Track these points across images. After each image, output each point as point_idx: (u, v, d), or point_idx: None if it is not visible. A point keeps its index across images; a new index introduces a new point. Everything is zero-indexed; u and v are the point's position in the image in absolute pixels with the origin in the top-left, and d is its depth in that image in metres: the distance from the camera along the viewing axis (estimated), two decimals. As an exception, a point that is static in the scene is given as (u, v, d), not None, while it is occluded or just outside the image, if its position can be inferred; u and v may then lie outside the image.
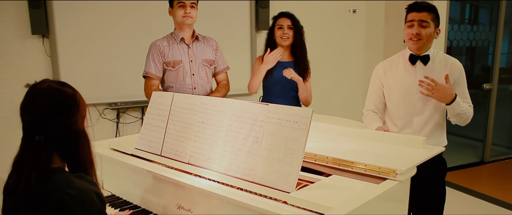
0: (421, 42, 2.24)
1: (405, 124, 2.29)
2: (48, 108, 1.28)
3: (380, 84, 2.37)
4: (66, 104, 1.31)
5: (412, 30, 2.24)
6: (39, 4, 3.47)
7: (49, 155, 1.29)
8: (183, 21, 2.65)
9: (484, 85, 4.89)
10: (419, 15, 2.22)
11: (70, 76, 3.64)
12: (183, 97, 1.96)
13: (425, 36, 2.23)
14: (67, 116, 1.31)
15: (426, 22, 2.22)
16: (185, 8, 2.63)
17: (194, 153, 1.83)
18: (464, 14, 5.32)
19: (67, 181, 1.25)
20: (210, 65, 2.80)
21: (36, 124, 1.28)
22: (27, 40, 3.55)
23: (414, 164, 1.65)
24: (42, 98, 1.29)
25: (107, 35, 3.72)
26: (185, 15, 2.64)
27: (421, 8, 2.23)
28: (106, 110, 3.83)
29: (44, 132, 1.27)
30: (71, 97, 1.33)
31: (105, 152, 2.11)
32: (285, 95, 2.95)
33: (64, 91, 1.32)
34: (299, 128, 1.49)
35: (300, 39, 2.93)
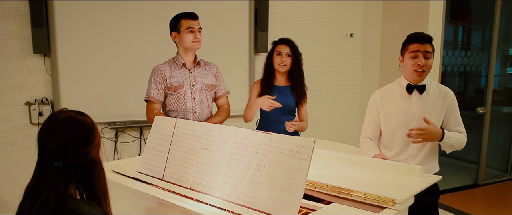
0: (424, 74, 2.30)
1: (400, 150, 2.34)
2: (69, 136, 1.33)
3: (377, 112, 2.42)
4: (85, 134, 1.36)
5: (417, 61, 2.27)
6: (42, 24, 3.51)
7: (67, 182, 1.32)
8: (193, 46, 2.70)
9: (478, 109, 4.96)
10: (424, 46, 2.27)
11: (70, 95, 3.67)
12: (186, 123, 2.00)
13: (428, 67, 2.29)
14: (85, 145, 1.35)
15: (429, 53, 2.28)
16: (194, 33, 2.68)
17: (196, 179, 1.86)
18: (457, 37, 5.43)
19: (75, 207, 1.29)
20: (210, 89, 2.84)
21: (56, 152, 1.31)
22: (28, 59, 3.58)
23: (412, 193, 1.69)
24: (64, 127, 1.34)
25: (107, 55, 3.77)
26: (195, 40, 2.69)
27: (425, 40, 2.28)
28: (105, 129, 3.85)
29: (64, 160, 1.31)
30: (90, 128, 1.39)
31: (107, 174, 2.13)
32: (282, 119, 2.98)
33: (84, 122, 1.38)
34: (301, 158, 1.53)
35: (298, 66, 2.98)
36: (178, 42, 2.75)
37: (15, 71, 3.55)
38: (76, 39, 3.65)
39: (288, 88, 3.00)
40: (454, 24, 5.24)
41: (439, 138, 2.24)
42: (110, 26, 3.75)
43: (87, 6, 3.65)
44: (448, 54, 4.82)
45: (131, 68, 3.83)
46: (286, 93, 2.99)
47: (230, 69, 4.19)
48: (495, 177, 5.30)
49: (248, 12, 4.26)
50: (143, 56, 3.84)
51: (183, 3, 3.91)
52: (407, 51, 2.31)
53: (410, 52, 2.29)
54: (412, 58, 2.28)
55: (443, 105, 2.33)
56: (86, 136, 1.36)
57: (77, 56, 3.67)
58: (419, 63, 2.25)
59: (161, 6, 3.86)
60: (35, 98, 3.63)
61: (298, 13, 4.52)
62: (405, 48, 2.33)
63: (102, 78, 3.77)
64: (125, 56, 3.82)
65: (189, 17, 2.68)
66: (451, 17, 5.01)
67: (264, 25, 4.30)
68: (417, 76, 2.29)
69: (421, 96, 2.33)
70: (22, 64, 3.57)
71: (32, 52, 3.55)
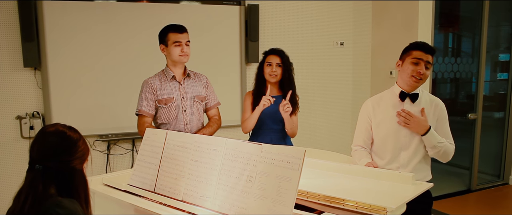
0: (421, 82, 2.32)
1: (392, 158, 2.35)
2: (51, 145, 1.47)
3: (369, 120, 2.43)
4: (67, 145, 1.49)
5: (418, 68, 2.28)
6: (32, 37, 3.51)
7: (46, 184, 1.43)
8: (180, 60, 2.70)
9: (469, 115, 5.00)
10: (427, 56, 2.28)
11: (61, 108, 3.66)
12: (177, 135, 2.00)
13: (425, 77, 2.31)
14: (66, 154, 1.48)
15: (430, 64, 2.30)
16: (181, 46, 2.68)
17: (187, 190, 1.85)
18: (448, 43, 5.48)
19: (57, 201, 1.41)
20: (201, 101, 2.84)
21: (37, 156, 1.45)
22: (19, 73, 3.57)
23: (404, 201, 1.69)
24: (49, 138, 1.48)
25: (98, 68, 3.76)
26: (182, 54, 2.69)
27: (429, 50, 2.29)
28: (96, 142, 3.83)
29: (44, 163, 1.43)
30: (73, 140, 1.51)
31: (98, 188, 2.12)
32: (274, 128, 2.99)
33: (69, 135, 1.51)
34: (292, 168, 1.54)
35: (288, 75, 2.99)
36: (166, 55, 2.75)
37: (5, 85, 3.54)
38: (67, 52, 3.65)
39: (280, 98, 3.01)
40: (444, 31, 5.29)
41: (423, 130, 2.25)
42: (100, 39, 3.75)
43: (78, 19, 3.65)
44: (438, 61, 4.86)
45: (122, 81, 3.83)
46: (278, 103, 3.00)
47: (222, 80, 4.20)
48: (488, 182, 5.32)
49: (238, 23, 4.28)
50: (134, 69, 3.84)
51: (173, 15, 3.93)
52: (410, 56, 2.30)
53: (413, 58, 2.28)
54: (414, 64, 2.28)
55: (433, 115, 2.34)
56: (68, 147, 1.48)
57: (68, 70, 3.67)
58: (420, 71, 2.26)
59: (152, 18, 3.87)
60: (26, 112, 3.61)
61: (289, 23, 4.55)
62: (408, 54, 2.32)
63: (93, 91, 3.77)
64: (116, 69, 3.82)
65: (176, 30, 2.68)
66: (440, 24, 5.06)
67: (255, 36, 4.31)
68: (414, 83, 2.30)
69: (412, 105, 2.34)
70: (12, 78, 3.56)
71: (22, 66, 3.54)
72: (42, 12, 3.53)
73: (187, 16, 4.03)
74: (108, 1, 3.75)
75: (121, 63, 3.83)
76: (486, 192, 5.16)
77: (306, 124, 4.69)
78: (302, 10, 4.59)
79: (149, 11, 3.89)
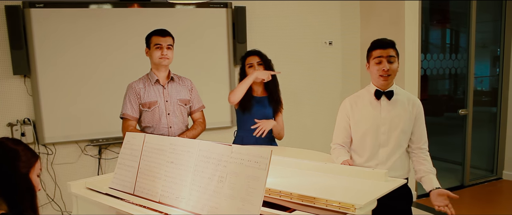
0: (390, 78, 2.35)
1: (371, 155, 2.38)
2: None
3: (347, 119, 2.46)
4: (5, 156, 1.50)
5: (381, 67, 2.32)
6: (21, 45, 3.56)
7: None
8: (159, 62, 2.75)
9: (460, 111, 5.02)
10: (386, 51, 2.32)
11: (51, 115, 3.70)
12: (154, 138, 2.04)
13: (393, 71, 2.34)
14: (6, 162, 1.50)
15: (393, 57, 2.33)
16: (161, 49, 2.73)
17: (164, 192, 1.89)
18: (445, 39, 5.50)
19: None
20: (185, 104, 2.88)
21: None
22: (9, 80, 3.62)
23: (374, 198, 1.72)
24: None
25: (87, 74, 3.81)
26: (162, 56, 2.73)
27: (387, 45, 2.34)
28: (88, 147, 3.87)
29: None
30: (10, 148, 1.53)
31: (81, 192, 2.16)
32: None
33: (6, 146, 1.53)
34: (259, 168, 1.57)
35: None
36: (149, 58, 2.80)
37: (-4, 93, 3.59)
38: (56, 59, 3.69)
39: (266, 99, 3.06)
40: (441, 27, 5.29)
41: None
42: (89, 45, 3.80)
43: (66, 26, 3.70)
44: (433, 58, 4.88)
45: (111, 86, 3.87)
46: (264, 104, 3.05)
47: (210, 82, 4.24)
48: (481, 177, 5.34)
49: (226, 25, 4.31)
50: (123, 74, 3.88)
51: (161, 19, 3.98)
52: (371, 57, 2.37)
53: (374, 58, 2.34)
54: (377, 64, 2.34)
55: (411, 113, 2.37)
56: (6, 155, 1.51)
57: (58, 76, 3.71)
58: (384, 68, 2.30)
59: (140, 23, 3.91)
60: (17, 119, 3.66)
61: (276, 24, 4.58)
62: (369, 55, 2.39)
63: (82, 97, 3.81)
64: (105, 74, 3.86)
65: (158, 33, 2.73)
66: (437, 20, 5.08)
67: (242, 37, 4.35)
68: (383, 81, 2.34)
69: (389, 102, 2.37)
70: (2, 86, 3.61)
71: (12, 74, 3.59)
72: (30, 20, 3.58)
73: (175, 20, 4.07)
74: (95, 8, 3.79)
75: (110, 69, 3.88)
76: (479, 187, 5.18)
77: (297, 124, 4.72)
78: (289, 10, 4.62)
79: (138, 16, 3.93)
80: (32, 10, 3.58)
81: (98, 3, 3.80)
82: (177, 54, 3.94)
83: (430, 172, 2.34)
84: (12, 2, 3.53)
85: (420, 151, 2.41)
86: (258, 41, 4.44)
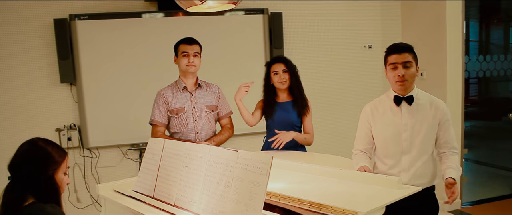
0: (407, 83, 2.29)
1: (394, 163, 2.33)
2: (20, 157, 1.61)
3: (368, 125, 2.43)
4: (35, 156, 1.59)
5: (397, 72, 2.28)
6: (67, 56, 3.81)
7: (20, 195, 1.55)
8: (186, 69, 2.84)
9: (510, 115, 4.76)
10: (402, 56, 2.27)
11: (95, 120, 3.93)
12: (172, 144, 2.12)
13: (410, 76, 2.28)
14: (35, 165, 1.59)
15: (409, 62, 2.28)
16: (188, 57, 2.83)
17: (179, 196, 1.97)
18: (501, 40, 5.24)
19: (40, 207, 1.54)
20: (212, 110, 2.95)
21: (10, 169, 1.60)
22: (57, 88, 3.89)
23: (381, 205, 1.70)
24: (19, 149, 1.62)
25: (129, 81, 4.00)
26: (189, 64, 2.83)
27: (402, 50, 2.29)
28: (129, 151, 4.06)
29: (15, 176, 1.58)
30: (41, 151, 1.61)
31: (107, 194, 2.29)
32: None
33: (37, 146, 1.63)
34: (261, 173, 1.60)
35: (296, 80, 3.05)
36: (177, 65, 2.90)
37: (45, 100, 3.86)
38: (99, 68, 3.91)
39: (289, 104, 3.08)
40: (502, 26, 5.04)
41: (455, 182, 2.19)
42: (131, 54, 3.99)
43: (108, 36, 3.92)
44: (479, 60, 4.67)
45: (151, 93, 3.96)
46: (288, 109, 3.07)
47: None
48: (536, 186, 5.03)
49: (262, 31, 4.37)
50: (162, 81, 3.98)
51: (202, 27, 4.09)
52: (387, 63, 2.32)
53: (390, 64, 2.30)
54: (392, 70, 2.29)
55: (434, 117, 2.29)
56: (36, 158, 1.59)
57: (101, 84, 3.93)
58: (399, 74, 2.25)
59: (179, 31, 4.02)
60: (64, 124, 3.92)
61: (313, 28, 4.57)
62: (386, 60, 2.34)
63: (124, 103, 4.00)
64: (145, 81, 4.04)
65: (185, 42, 2.83)
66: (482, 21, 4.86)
67: (279, 43, 4.39)
68: (400, 86, 2.29)
69: (410, 108, 2.32)
70: (51, 94, 3.87)
71: (59, 82, 3.84)
72: (76, 32, 3.83)
73: (213, 26, 4.17)
74: (136, 19, 3.98)
75: (150, 76, 4.04)
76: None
77: (336, 129, 4.68)
78: (326, 14, 4.60)
79: (180, 24, 4.09)
80: (78, 22, 3.83)
81: (140, 13, 3.99)
82: (214, 59, 4.08)
83: (449, 166, 2.23)
84: (60, 16, 3.79)
85: (448, 153, 2.32)
86: (295, 47, 4.47)
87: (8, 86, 3.81)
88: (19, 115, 3.84)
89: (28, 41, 3.80)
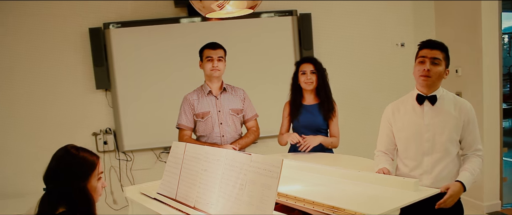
0: (430, 80, 2.23)
1: (416, 164, 2.28)
2: (53, 167, 1.61)
3: (390, 126, 2.40)
4: (66, 166, 1.60)
5: (423, 67, 2.23)
6: (102, 63, 3.97)
7: (52, 205, 1.57)
8: (211, 74, 2.91)
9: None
10: (432, 52, 2.23)
11: (129, 125, 4.07)
12: (193, 148, 2.18)
13: (435, 74, 2.22)
14: (66, 174, 1.59)
15: (438, 59, 2.22)
16: (212, 62, 2.89)
17: (198, 198, 2.02)
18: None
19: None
20: (237, 114, 3.00)
21: (45, 180, 1.61)
22: (93, 94, 4.06)
23: (395, 207, 1.69)
24: (52, 158, 1.63)
25: (161, 86, 4.13)
26: (213, 68, 2.89)
27: (434, 46, 2.24)
28: (162, 154, 4.18)
29: (49, 186, 1.59)
30: (73, 158, 1.63)
31: (134, 196, 2.38)
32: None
33: (69, 153, 1.64)
34: (272, 176, 1.63)
35: (323, 82, 3.04)
36: (203, 70, 2.97)
37: (82, 106, 4.05)
38: (132, 73, 4.06)
39: (316, 107, 3.06)
40: None
41: (461, 191, 2.13)
42: (162, 59, 4.12)
43: (141, 43, 4.05)
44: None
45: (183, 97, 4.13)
46: (314, 112, 3.06)
47: (277, 90, 4.32)
48: None
49: (291, 32, 4.38)
50: (193, 85, 4.10)
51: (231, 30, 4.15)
52: (417, 57, 2.28)
53: (419, 57, 2.26)
54: (420, 63, 2.24)
55: (458, 118, 2.23)
56: (67, 168, 1.60)
57: (134, 89, 4.07)
58: (424, 68, 2.20)
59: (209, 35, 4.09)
60: (100, 128, 4.08)
61: (343, 27, 4.54)
62: (416, 56, 2.30)
63: (157, 108, 4.13)
64: (176, 85, 4.14)
65: (209, 47, 2.90)
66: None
67: (309, 44, 4.39)
68: (423, 82, 2.23)
69: (433, 108, 2.26)
70: (88, 99, 4.05)
71: (95, 88, 4.01)
72: (110, 39, 3.98)
73: (243, 30, 4.23)
74: (167, 24, 4.09)
75: (182, 80, 4.14)
76: None
77: (366, 130, 4.62)
78: (356, 13, 4.56)
79: (207, 29, 4.17)
80: (111, 30, 3.98)
81: (171, 19, 4.10)
82: (244, 61, 4.13)
83: (464, 169, 2.18)
84: (94, 25, 3.96)
85: (471, 155, 2.26)
86: (325, 47, 4.45)
87: (47, 94, 4.02)
88: (58, 120, 4.04)
89: (65, 50, 4.00)
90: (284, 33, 4.39)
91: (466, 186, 2.12)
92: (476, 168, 2.20)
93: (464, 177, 2.15)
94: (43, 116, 4.03)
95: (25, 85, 4.01)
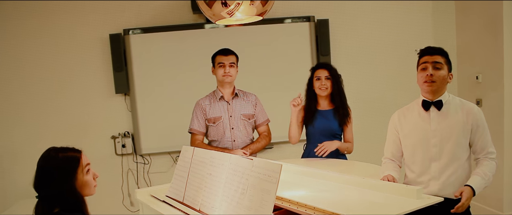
0: (435, 85, 2.23)
1: (423, 170, 2.27)
2: (37, 173, 1.63)
3: (396, 132, 2.39)
4: (49, 170, 1.61)
5: (426, 72, 2.24)
6: (121, 68, 4.07)
7: (47, 210, 1.60)
8: (223, 80, 2.95)
9: None
10: (433, 57, 2.23)
11: (147, 128, 4.15)
12: (200, 152, 2.23)
13: (439, 78, 2.22)
14: (52, 179, 1.61)
15: (439, 63, 2.23)
16: (224, 68, 2.94)
17: (203, 202, 2.06)
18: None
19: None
20: (248, 119, 3.03)
21: (34, 187, 1.63)
22: (112, 98, 4.17)
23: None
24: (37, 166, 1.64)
25: (178, 91, 4.20)
26: (225, 74, 2.94)
27: (433, 51, 2.25)
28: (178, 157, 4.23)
29: (40, 193, 1.62)
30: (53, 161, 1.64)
31: (144, 198, 2.44)
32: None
33: (48, 157, 1.65)
34: (271, 181, 1.65)
35: (338, 88, 3.04)
36: (215, 76, 3.02)
37: (102, 110, 4.16)
38: (151, 78, 4.15)
39: (331, 112, 3.07)
40: None
41: (472, 196, 2.08)
42: (179, 64, 4.19)
43: (159, 48, 4.14)
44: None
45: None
46: (329, 117, 3.06)
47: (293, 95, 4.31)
48: None
49: (309, 38, 4.39)
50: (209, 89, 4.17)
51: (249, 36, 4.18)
52: (418, 65, 2.28)
53: (420, 64, 2.27)
54: (422, 70, 2.25)
55: (466, 122, 2.21)
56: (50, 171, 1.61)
57: (152, 94, 4.16)
58: (427, 74, 2.20)
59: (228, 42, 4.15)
60: (119, 132, 4.18)
61: (360, 34, 4.52)
62: (417, 63, 2.30)
63: (174, 112, 4.20)
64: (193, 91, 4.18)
65: (221, 53, 2.94)
66: None
67: (326, 50, 4.38)
68: (427, 87, 2.23)
69: (439, 113, 2.25)
70: (107, 103, 4.16)
71: (114, 93, 4.12)
72: (129, 45, 4.08)
73: (260, 36, 4.26)
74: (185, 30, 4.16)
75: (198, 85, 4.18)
76: None
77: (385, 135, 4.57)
78: (373, 19, 4.53)
79: (225, 35, 4.23)
80: (131, 36, 4.08)
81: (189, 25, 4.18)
82: (261, 67, 4.17)
83: (476, 173, 2.15)
84: (114, 31, 4.07)
85: (483, 158, 2.22)
86: (342, 53, 4.44)
87: (68, 98, 4.15)
88: (78, 124, 4.16)
89: (87, 56, 4.13)
90: (302, 39, 4.40)
91: (475, 190, 2.09)
92: (487, 172, 2.16)
93: (474, 181, 2.12)
94: (64, 121, 4.16)
95: (49, 90, 4.15)
